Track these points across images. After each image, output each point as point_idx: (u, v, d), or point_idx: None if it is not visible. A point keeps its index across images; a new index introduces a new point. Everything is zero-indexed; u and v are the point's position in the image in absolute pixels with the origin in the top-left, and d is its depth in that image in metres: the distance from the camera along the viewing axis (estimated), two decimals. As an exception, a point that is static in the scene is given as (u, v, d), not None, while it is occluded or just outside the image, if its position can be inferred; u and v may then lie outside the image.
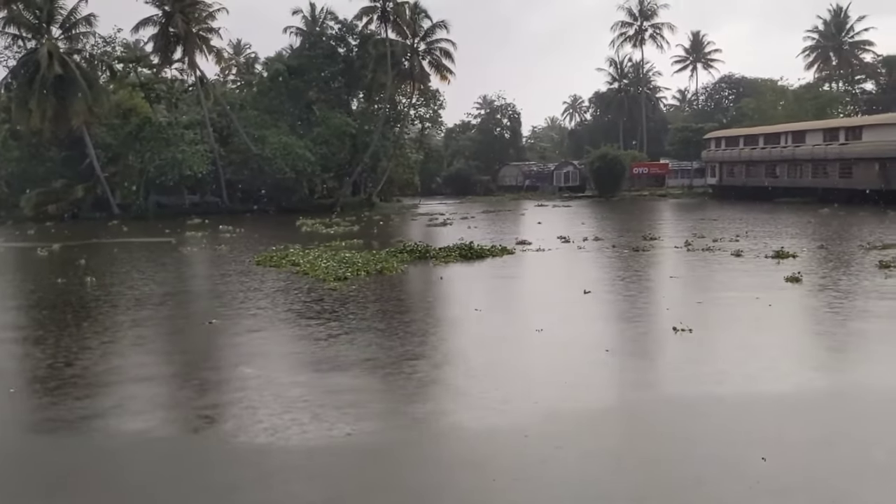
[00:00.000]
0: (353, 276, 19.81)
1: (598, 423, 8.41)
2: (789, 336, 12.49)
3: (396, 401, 9.43)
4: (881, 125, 51.70)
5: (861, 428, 8.10)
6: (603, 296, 16.47)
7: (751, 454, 7.22)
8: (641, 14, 76.43)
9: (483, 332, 13.32)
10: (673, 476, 6.97)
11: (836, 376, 10.13)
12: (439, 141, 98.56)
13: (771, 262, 21.09)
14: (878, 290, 16.50)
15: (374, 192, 62.27)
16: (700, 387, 9.61)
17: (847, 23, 76.54)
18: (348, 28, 62.58)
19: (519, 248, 26.57)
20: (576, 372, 10.36)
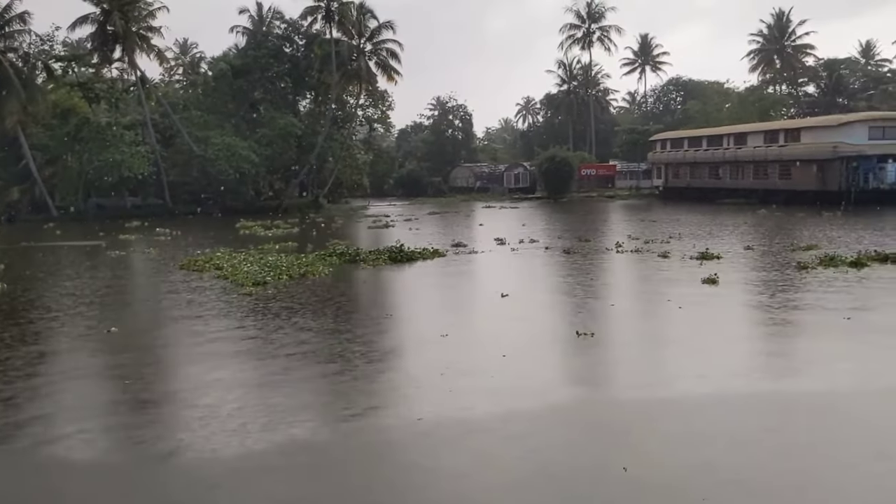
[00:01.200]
0: (275, 280, 19.47)
1: (460, 434, 8.25)
2: (687, 340, 12.43)
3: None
4: (818, 127, 52.76)
5: (738, 430, 8.07)
6: (519, 299, 16.37)
7: (616, 459, 7.13)
8: (589, 17, 77.04)
9: (384, 338, 13.07)
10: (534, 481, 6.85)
11: (724, 383, 10.10)
12: (392, 142, 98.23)
13: (695, 263, 21.24)
14: (791, 292, 16.68)
15: (322, 194, 61.72)
16: (579, 393, 9.51)
17: (789, 27, 78.14)
18: (294, 28, 62.02)
19: (452, 251, 26.47)
20: (465, 378, 10.20)
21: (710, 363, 10.75)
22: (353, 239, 32.83)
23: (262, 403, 9.26)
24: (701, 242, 27.11)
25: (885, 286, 16.84)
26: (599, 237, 30.75)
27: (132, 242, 33.56)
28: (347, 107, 63.91)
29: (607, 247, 26.44)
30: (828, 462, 7.34)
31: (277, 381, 10.21)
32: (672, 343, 12.30)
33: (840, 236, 28.84)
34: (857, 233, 29.94)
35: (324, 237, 33.53)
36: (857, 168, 48.60)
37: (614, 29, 77.45)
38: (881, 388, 9.50)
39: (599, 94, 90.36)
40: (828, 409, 8.82)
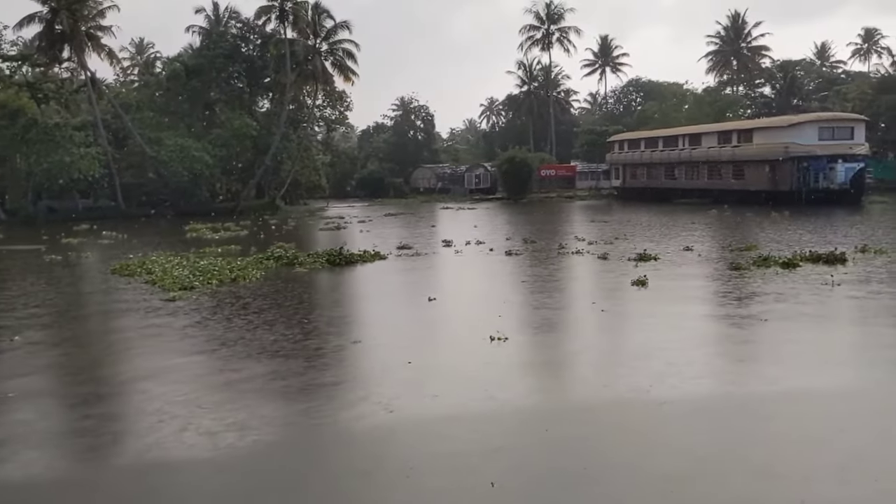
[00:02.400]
0: (203, 285, 19.09)
1: (334, 445, 8.03)
2: (600, 346, 12.31)
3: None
4: (770, 128, 53.41)
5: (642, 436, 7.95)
6: (446, 303, 16.21)
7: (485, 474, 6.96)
8: (549, 18, 77.23)
9: (292, 346, 12.63)
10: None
11: (627, 387, 9.97)
12: (354, 143, 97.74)
13: (630, 265, 21.23)
14: (718, 294, 16.71)
15: (278, 196, 61.12)
16: (473, 402, 9.32)
17: (745, 28, 79.09)
18: (250, 28, 61.36)
19: (396, 253, 26.24)
20: (359, 387, 9.98)
21: (612, 371, 10.62)
22: (300, 241, 32.44)
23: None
24: (644, 243, 27.14)
25: (810, 287, 16.89)
26: (546, 239, 30.68)
27: (74, 246, 32.80)
28: (304, 107, 63.37)
29: (550, 248, 26.39)
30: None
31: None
32: (583, 348, 12.17)
33: (783, 237, 29.10)
34: (800, 233, 30.24)
35: (271, 240, 33.03)
36: (808, 168, 49.23)
37: (573, 30, 77.89)
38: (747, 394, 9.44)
39: (561, 96, 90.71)
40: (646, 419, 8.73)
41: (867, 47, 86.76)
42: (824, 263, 20.25)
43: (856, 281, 17.42)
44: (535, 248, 26.71)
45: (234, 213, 54.01)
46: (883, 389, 9.56)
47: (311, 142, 64.62)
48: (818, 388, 9.58)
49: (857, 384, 9.76)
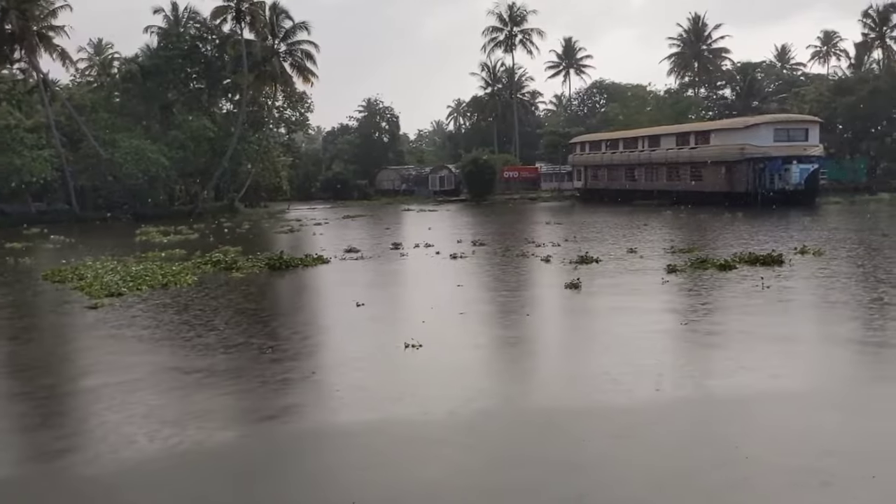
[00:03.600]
0: (132, 291, 18.68)
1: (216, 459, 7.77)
2: (514, 354, 12.08)
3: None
4: (726, 130, 53.85)
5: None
6: (373, 308, 15.96)
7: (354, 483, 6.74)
8: (511, 20, 77.30)
9: (192, 356, 12.26)
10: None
11: (543, 395, 9.82)
12: (319, 144, 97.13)
13: (570, 267, 21.14)
14: (645, 296, 16.66)
15: (237, 198, 60.46)
16: (359, 412, 9.11)
17: (705, 31, 79.82)
18: (208, 28, 60.65)
19: (342, 257, 25.95)
20: (249, 400, 9.72)
21: (530, 376, 10.46)
22: (249, 245, 31.89)
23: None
24: (591, 245, 27.15)
25: (739, 291, 16.88)
26: (497, 241, 30.49)
27: (16, 251, 32.04)
28: (264, 109, 62.76)
29: (496, 251, 26.24)
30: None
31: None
32: (497, 354, 11.98)
33: (731, 238, 29.26)
34: (749, 234, 30.44)
35: (219, 243, 32.50)
36: (764, 169, 49.69)
37: (536, 32, 77.99)
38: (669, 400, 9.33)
39: (527, 98, 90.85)
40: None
41: (826, 50, 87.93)
42: (761, 265, 20.31)
43: (784, 283, 17.46)
44: (482, 251, 26.53)
45: (191, 216, 53.38)
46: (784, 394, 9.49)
47: (271, 143, 63.93)
48: (706, 396, 9.48)
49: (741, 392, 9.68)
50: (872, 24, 69.05)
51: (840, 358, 11.18)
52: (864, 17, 68.90)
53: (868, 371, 10.65)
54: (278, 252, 24.40)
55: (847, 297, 15.66)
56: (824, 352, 11.68)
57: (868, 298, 15.41)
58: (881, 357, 11.22)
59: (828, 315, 14.36)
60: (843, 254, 22.83)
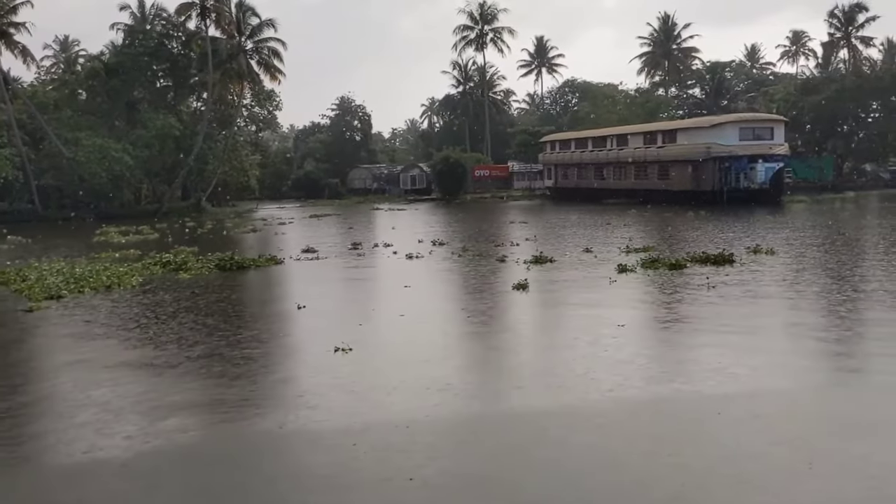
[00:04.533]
0: (74, 293, 18.31)
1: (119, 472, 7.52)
2: (449, 357, 11.84)
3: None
4: (693, 129, 54.07)
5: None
6: (314, 310, 15.71)
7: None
8: (482, 18, 77.16)
9: (98, 369, 11.93)
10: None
11: (466, 401, 9.63)
12: (290, 143, 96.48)
13: (523, 268, 21.01)
14: (593, 298, 16.57)
15: (204, 197, 59.80)
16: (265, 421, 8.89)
17: (675, 30, 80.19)
18: (174, 25, 59.92)
19: (297, 257, 25.68)
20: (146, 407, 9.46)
21: (449, 382, 10.26)
22: (206, 245, 31.41)
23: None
24: (550, 245, 27.10)
25: (683, 291, 16.84)
26: (457, 241, 30.29)
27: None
28: (231, 107, 62.09)
29: (454, 251, 26.05)
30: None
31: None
32: (430, 357, 11.77)
33: (690, 237, 29.33)
34: (709, 233, 30.50)
35: (177, 244, 32.04)
36: (729, 168, 49.92)
37: (507, 31, 77.84)
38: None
39: (500, 97, 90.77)
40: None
41: (795, 49, 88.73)
42: (712, 265, 20.29)
43: (732, 283, 17.43)
44: (440, 252, 26.35)
45: (157, 216, 52.77)
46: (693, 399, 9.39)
47: (238, 142, 63.30)
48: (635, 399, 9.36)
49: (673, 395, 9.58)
50: (838, 23, 69.72)
51: (750, 357, 11.10)
52: (829, 17, 69.62)
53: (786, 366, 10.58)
54: (229, 253, 24.04)
55: (787, 295, 15.65)
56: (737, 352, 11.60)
57: (806, 300, 15.41)
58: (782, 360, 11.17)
59: (761, 310, 14.32)
60: (795, 253, 22.89)
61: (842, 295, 15.63)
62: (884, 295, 15.39)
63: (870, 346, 11.93)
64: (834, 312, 14.07)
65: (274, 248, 29.01)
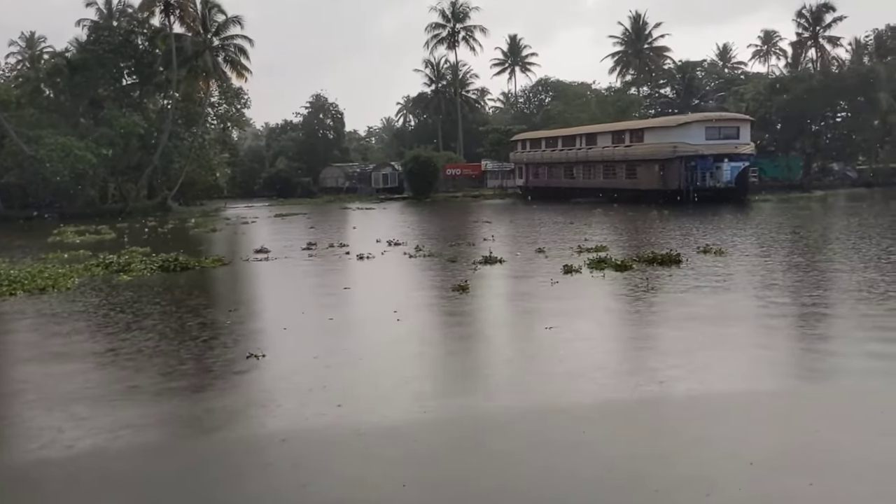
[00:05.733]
0: (6, 296, 17.87)
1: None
2: (365, 364, 11.53)
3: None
4: (659, 128, 54.19)
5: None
6: (244, 313, 15.40)
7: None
8: (454, 16, 76.90)
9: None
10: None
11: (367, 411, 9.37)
12: (262, 141, 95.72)
13: (471, 269, 20.79)
14: (528, 300, 16.39)
15: (170, 196, 59.10)
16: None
17: (646, 29, 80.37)
18: (138, 21, 59.14)
19: (247, 258, 25.33)
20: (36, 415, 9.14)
21: (359, 389, 10.01)
22: (162, 245, 30.77)
23: None
24: (506, 244, 26.97)
25: (621, 292, 16.69)
26: (415, 240, 29.92)
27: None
28: (198, 105, 61.39)
29: (408, 251, 25.76)
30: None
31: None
32: (343, 362, 11.49)
33: (648, 236, 29.28)
34: (667, 232, 30.45)
35: (134, 244, 31.50)
36: (695, 167, 50.06)
37: (479, 29, 77.70)
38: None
39: (476, 95, 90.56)
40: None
41: (766, 49, 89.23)
42: (658, 265, 20.18)
43: (668, 285, 17.31)
44: (394, 252, 26.08)
45: (122, 215, 52.12)
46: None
47: (205, 140, 62.61)
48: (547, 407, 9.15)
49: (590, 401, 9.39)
50: (806, 23, 70.19)
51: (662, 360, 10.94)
52: (798, 16, 70.08)
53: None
54: (174, 254, 23.63)
55: (709, 302, 15.54)
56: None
57: (738, 303, 15.29)
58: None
59: (676, 314, 14.18)
60: (745, 253, 22.83)
61: (766, 301, 15.34)
62: (807, 307, 14.94)
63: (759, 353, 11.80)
64: (746, 319, 13.88)
65: (228, 249, 28.66)
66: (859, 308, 14.19)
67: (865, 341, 11.93)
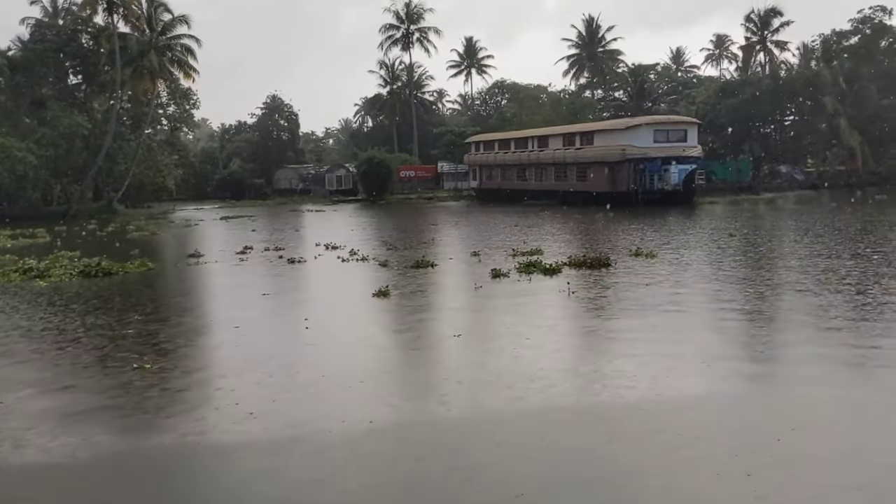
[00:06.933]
0: None
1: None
2: (254, 374, 11.08)
3: None
4: (609, 130, 54.39)
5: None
6: (152, 320, 14.91)
7: None
8: (408, 17, 76.57)
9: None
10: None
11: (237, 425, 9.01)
12: (215, 142, 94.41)
13: (398, 273, 20.49)
14: (451, 305, 16.15)
15: (116, 199, 57.88)
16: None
17: (599, 32, 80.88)
18: (82, 20, 57.83)
19: (177, 262, 24.78)
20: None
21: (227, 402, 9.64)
22: (96, 249, 29.91)
23: None
24: (444, 247, 26.76)
25: (539, 296, 16.52)
26: (354, 243, 29.44)
27: None
28: (145, 105, 60.21)
29: (342, 255, 25.33)
30: None
31: None
32: (228, 370, 11.10)
33: (587, 239, 29.27)
34: (609, 234, 30.47)
35: (68, 247, 30.58)
36: (644, 170, 50.31)
37: (433, 30, 77.47)
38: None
39: (431, 97, 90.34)
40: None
41: (718, 53, 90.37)
42: (588, 268, 20.08)
43: (589, 289, 17.20)
44: (329, 255, 25.68)
45: (66, 217, 50.93)
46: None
47: (153, 141, 61.45)
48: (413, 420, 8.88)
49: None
50: (755, 28, 71.20)
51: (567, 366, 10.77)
52: (746, 20, 71.04)
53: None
54: (97, 259, 22.96)
55: (640, 302, 15.45)
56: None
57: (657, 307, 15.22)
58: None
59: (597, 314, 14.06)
60: (676, 255, 22.84)
61: (680, 305, 15.29)
62: (724, 311, 14.83)
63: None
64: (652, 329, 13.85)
65: (161, 253, 28.01)
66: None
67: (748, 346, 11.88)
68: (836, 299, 14.89)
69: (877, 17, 68.04)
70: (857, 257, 20.98)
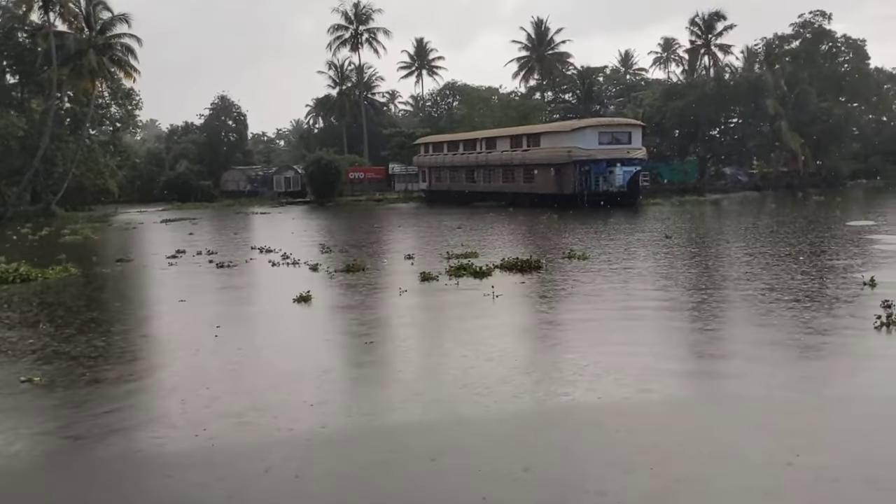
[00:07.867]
0: None
1: None
2: (155, 385, 10.80)
3: None
4: (555, 132, 54.65)
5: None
6: (55, 330, 14.34)
7: None
8: (357, 18, 76.05)
9: None
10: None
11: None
12: (161, 143, 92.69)
13: (326, 277, 20.13)
14: (373, 311, 15.87)
15: (54, 201, 56.32)
16: None
17: (548, 35, 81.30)
18: (20, 18, 56.20)
19: (104, 267, 24.03)
20: None
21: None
22: (24, 253, 28.65)
23: None
24: (381, 249, 26.46)
25: (463, 300, 16.33)
26: (289, 246, 28.88)
27: None
28: (84, 106, 58.69)
29: (274, 259, 24.84)
30: None
31: None
32: (128, 373, 10.70)
33: (524, 241, 29.21)
34: (548, 236, 30.47)
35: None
36: (589, 172, 50.61)
37: (382, 31, 77.05)
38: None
39: (386, 98, 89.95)
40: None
41: (666, 56, 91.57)
42: (518, 271, 19.96)
43: (515, 293, 17.07)
44: (261, 259, 25.18)
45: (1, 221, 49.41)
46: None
47: (94, 143, 59.93)
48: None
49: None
50: (699, 31, 72.26)
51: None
52: (691, 24, 72.06)
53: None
54: (15, 264, 22.15)
55: (552, 307, 15.36)
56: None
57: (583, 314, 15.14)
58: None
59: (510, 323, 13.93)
60: (607, 258, 22.83)
61: (598, 307, 15.27)
62: (644, 311, 14.85)
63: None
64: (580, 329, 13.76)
65: (91, 257, 27.13)
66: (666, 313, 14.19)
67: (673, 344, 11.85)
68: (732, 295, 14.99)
69: (817, 22, 69.60)
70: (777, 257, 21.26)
